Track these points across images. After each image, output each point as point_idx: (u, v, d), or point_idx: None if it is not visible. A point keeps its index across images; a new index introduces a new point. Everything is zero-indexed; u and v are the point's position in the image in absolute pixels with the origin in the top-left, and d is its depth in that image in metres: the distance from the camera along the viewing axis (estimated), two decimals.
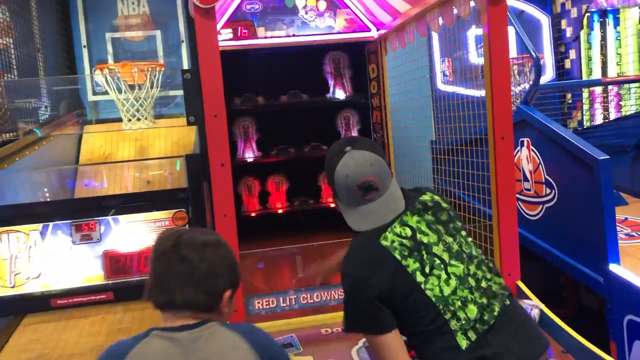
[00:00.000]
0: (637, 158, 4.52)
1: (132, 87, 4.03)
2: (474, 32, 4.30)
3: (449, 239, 1.81)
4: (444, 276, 1.73)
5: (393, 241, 1.75)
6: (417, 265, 1.72)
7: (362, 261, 1.76)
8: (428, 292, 1.70)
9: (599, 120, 5.29)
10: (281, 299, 2.77)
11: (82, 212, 2.70)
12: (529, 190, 3.96)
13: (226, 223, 2.55)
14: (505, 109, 2.78)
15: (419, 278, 1.71)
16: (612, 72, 5.50)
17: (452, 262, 1.77)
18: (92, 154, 4.53)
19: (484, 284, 1.79)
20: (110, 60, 4.93)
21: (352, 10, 4.68)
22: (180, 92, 3.78)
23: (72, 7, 4.97)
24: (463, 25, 3.49)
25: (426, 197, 1.87)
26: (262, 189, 5.05)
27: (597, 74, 5.54)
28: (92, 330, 3.12)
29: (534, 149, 3.85)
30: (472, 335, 1.70)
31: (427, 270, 1.73)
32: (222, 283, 1.50)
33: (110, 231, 2.70)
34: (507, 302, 1.80)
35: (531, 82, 4.01)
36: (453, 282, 1.73)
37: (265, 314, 2.76)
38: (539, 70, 3.88)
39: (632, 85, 4.58)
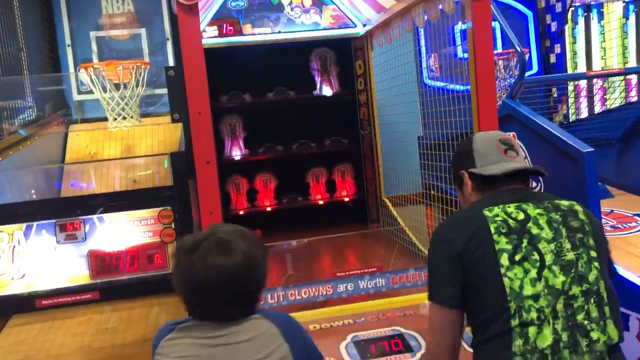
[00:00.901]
0: (622, 151, 4.55)
1: (117, 86, 4.00)
2: (459, 27, 4.30)
3: (567, 245, 1.52)
4: (532, 274, 1.47)
5: (497, 215, 1.55)
6: (509, 247, 1.49)
7: (456, 225, 1.62)
8: (505, 280, 1.46)
9: (584, 113, 5.32)
10: (269, 296, 2.76)
11: (66, 212, 2.67)
12: None
13: (212, 221, 2.54)
14: (490, 103, 2.79)
15: (503, 260, 1.48)
16: (596, 66, 5.54)
17: (554, 267, 1.48)
18: (77, 154, 4.49)
19: (579, 318, 1.45)
20: (95, 59, 4.89)
21: (337, 6, 4.68)
22: (167, 91, 3.76)
23: (56, 5, 4.92)
24: (448, 20, 3.50)
25: (564, 203, 1.61)
26: (250, 187, 5.04)
27: (582, 68, 5.58)
28: (78, 330, 3.09)
29: (519, 142, 3.86)
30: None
31: (517, 257, 1.48)
32: (261, 285, 1.50)
33: (95, 230, 2.68)
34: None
35: (516, 77, 4.03)
36: (539, 286, 1.46)
37: None
38: (523, 64, 3.89)
39: (617, 78, 4.61)
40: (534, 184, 3.76)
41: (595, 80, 5.06)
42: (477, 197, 1.70)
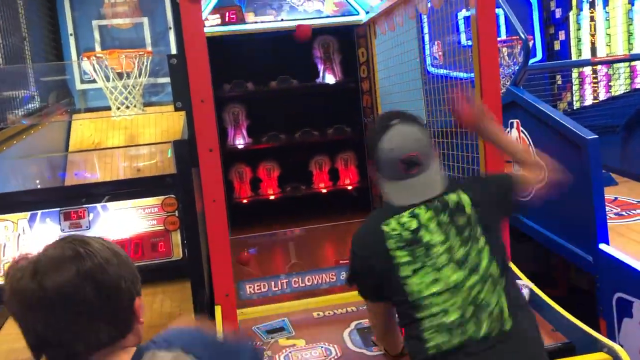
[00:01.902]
0: (626, 138, 4.54)
1: (120, 75, 3.99)
2: (463, 13, 4.28)
3: (457, 243, 1.74)
4: (431, 277, 1.72)
5: (394, 229, 1.77)
6: (408, 259, 1.74)
7: (362, 240, 1.89)
8: (407, 288, 1.74)
9: (588, 101, 5.30)
10: (273, 284, 2.78)
11: (70, 200, 2.69)
12: (519, 171, 3.96)
13: (216, 208, 2.55)
14: (494, 90, 2.78)
15: (404, 272, 1.74)
16: (601, 53, 5.50)
17: (449, 266, 1.72)
18: (81, 144, 4.50)
19: (480, 298, 1.70)
20: (98, 48, 4.88)
21: None
22: (169, 80, 3.76)
23: None
24: (452, 6, 3.48)
25: (452, 197, 1.81)
26: (253, 176, 5.04)
27: (586, 55, 5.54)
28: None
29: (523, 130, 3.85)
30: (444, 342, 1.68)
31: (416, 267, 1.73)
32: (128, 292, 1.12)
33: (99, 219, 2.69)
34: (507, 327, 1.69)
35: (520, 64, 4.01)
36: (439, 285, 1.71)
37: (257, 299, 2.77)
38: (527, 51, 3.88)
39: (621, 65, 4.58)
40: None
41: (599, 67, 5.03)
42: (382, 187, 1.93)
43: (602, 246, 3.18)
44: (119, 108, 3.97)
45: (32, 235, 2.64)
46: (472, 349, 1.66)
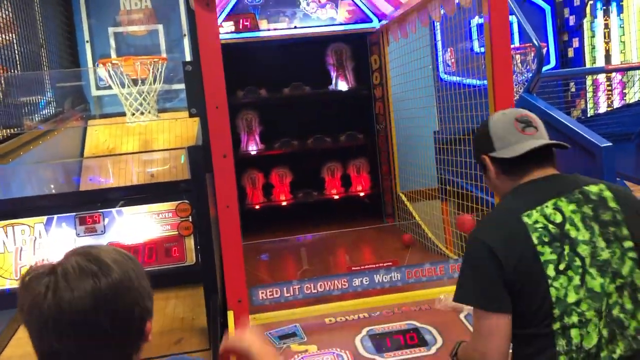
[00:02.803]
0: None
1: (135, 82, 4.03)
2: (476, 20, 4.28)
3: (602, 244, 1.51)
4: (576, 281, 1.48)
5: (537, 221, 1.53)
6: (554, 257, 1.49)
7: (495, 230, 1.57)
8: (552, 290, 1.47)
9: (602, 108, 5.26)
10: (285, 289, 2.78)
11: (85, 205, 2.72)
12: None
13: (229, 214, 2.56)
14: (507, 98, 2.78)
15: (550, 271, 1.49)
16: (615, 60, 5.47)
17: (591, 270, 1.49)
18: (96, 149, 4.55)
19: (615, 312, 1.47)
20: (113, 55, 4.94)
21: (353, 1, 4.68)
22: (184, 86, 3.79)
23: (75, 2, 4.98)
24: (465, 14, 3.48)
25: (594, 188, 1.58)
26: (265, 182, 5.07)
27: (600, 62, 5.51)
28: None
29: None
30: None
31: (561, 267, 1.49)
32: (140, 317, 1.12)
33: (114, 223, 2.72)
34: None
35: (534, 71, 4.00)
36: (582, 292, 1.47)
37: (269, 304, 2.77)
38: (541, 58, 3.87)
39: (636, 72, 4.55)
40: None
41: (613, 74, 5.00)
42: (503, 183, 1.68)
43: None
44: (133, 114, 4.01)
45: (48, 239, 2.67)
46: None
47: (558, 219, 1.53)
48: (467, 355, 1.68)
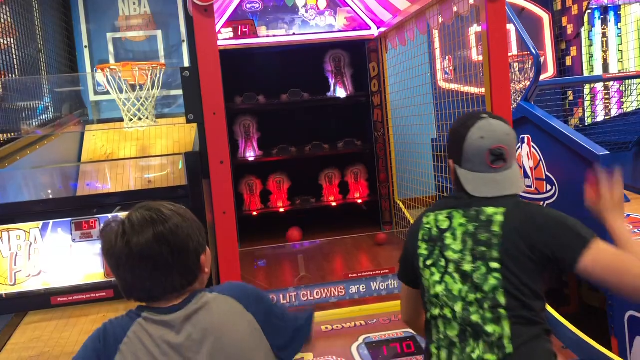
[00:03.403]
0: (638, 155, 4.50)
1: (133, 87, 4.03)
2: (474, 29, 4.30)
3: (468, 258, 1.69)
4: (436, 277, 1.75)
5: (428, 222, 1.82)
6: (426, 253, 1.79)
7: (412, 225, 1.94)
8: (423, 280, 1.80)
9: (600, 117, 5.27)
10: (281, 296, 2.78)
11: (82, 210, 2.71)
12: (530, 187, 3.95)
13: (226, 220, 2.56)
14: (504, 106, 2.78)
15: (421, 263, 1.80)
16: (613, 69, 5.49)
17: (454, 274, 1.71)
18: (93, 154, 4.54)
19: (475, 319, 1.66)
20: (112, 61, 4.94)
21: (352, 8, 4.69)
22: (182, 92, 3.79)
23: (74, 7, 4.98)
24: (463, 22, 3.49)
25: (489, 210, 1.72)
26: (263, 188, 5.06)
27: (598, 71, 5.53)
28: (93, 328, 3.10)
29: (534, 145, 3.84)
30: (444, 352, 1.72)
31: (428, 262, 1.77)
32: (195, 251, 1.41)
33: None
34: (507, 351, 1.61)
35: (531, 79, 4.01)
36: (440, 288, 1.74)
37: None
38: (539, 67, 3.87)
39: (634, 81, 4.56)
40: (549, 187, 3.74)
41: (611, 83, 5.01)
42: (454, 185, 1.89)
43: None
44: (131, 120, 4.00)
45: (44, 244, 2.66)
46: None
47: (444, 225, 1.78)
48: None
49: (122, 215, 1.42)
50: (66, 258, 2.67)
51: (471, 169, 1.76)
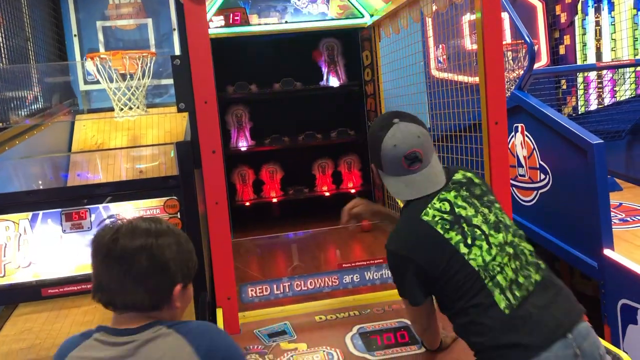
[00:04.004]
0: (631, 143, 4.52)
1: (123, 76, 3.98)
2: (468, 17, 4.27)
3: (485, 211, 1.88)
4: (485, 246, 1.80)
5: (434, 216, 1.84)
6: (460, 237, 1.81)
7: (405, 239, 1.90)
8: (471, 262, 1.78)
9: (593, 105, 5.27)
10: (275, 287, 2.76)
11: (72, 201, 2.67)
12: (524, 176, 3.95)
13: (218, 211, 2.53)
14: (498, 94, 2.76)
15: (462, 249, 1.79)
16: (606, 58, 5.47)
17: (492, 232, 1.83)
18: (84, 144, 4.50)
19: (519, 251, 1.84)
20: (102, 49, 4.88)
21: None
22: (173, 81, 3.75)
23: None
24: (457, 10, 3.46)
25: (458, 176, 1.95)
26: (256, 178, 5.03)
27: (591, 60, 5.52)
28: (84, 319, 3.11)
29: (528, 134, 3.83)
30: (511, 297, 1.74)
31: (469, 241, 1.80)
32: (170, 278, 1.37)
33: (101, 220, 2.67)
34: (543, 267, 1.84)
35: (525, 68, 3.99)
36: (494, 250, 1.79)
37: (258, 302, 2.75)
38: (532, 55, 3.86)
39: (627, 70, 4.56)
40: (543, 176, 3.73)
41: (605, 71, 5.01)
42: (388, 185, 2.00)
43: (607, 252, 3.15)
44: (122, 109, 3.96)
45: (34, 235, 2.62)
46: (533, 298, 1.75)
47: (446, 207, 1.86)
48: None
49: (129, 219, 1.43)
50: (56, 249, 2.63)
51: (392, 174, 1.94)
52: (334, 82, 4.97)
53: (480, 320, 1.75)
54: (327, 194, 5.01)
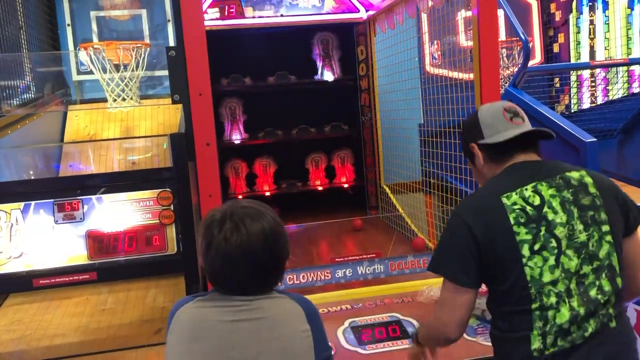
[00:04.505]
0: (623, 142, 4.54)
1: (117, 67, 3.95)
2: (463, 14, 4.27)
3: (580, 227, 1.57)
4: (551, 261, 1.54)
5: (515, 203, 1.58)
6: (529, 237, 1.55)
7: (475, 208, 1.65)
8: (526, 270, 1.54)
9: (586, 104, 5.30)
10: None
11: (64, 191, 2.65)
12: None
13: (211, 203, 2.53)
14: (493, 91, 2.77)
15: (524, 251, 1.55)
16: (600, 56, 5.50)
17: (568, 251, 1.55)
18: (76, 135, 4.46)
19: (593, 294, 1.54)
20: (95, 40, 4.83)
21: None
22: (167, 73, 3.73)
23: None
24: (452, 6, 3.46)
25: (575, 174, 1.64)
26: (249, 171, 5.03)
27: (585, 58, 5.54)
28: (76, 311, 3.10)
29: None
30: (549, 343, 1.52)
31: (536, 247, 1.55)
32: (287, 254, 1.51)
33: (94, 211, 2.66)
34: (611, 325, 1.56)
35: (520, 65, 4.00)
36: (557, 272, 1.53)
37: None
38: (527, 53, 3.87)
39: (620, 69, 4.58)
40: None
41: (598, 70, 5.03)
42: (490, 170, 1.73)
43: None
44: (115, 100, 3.93)
45: (25, 226, 2.60)
46: (577, 352, 1.53)
47: (536, 201, 1.59)
48: (428, 324, 1.77)
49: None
50: (48, 240, 2.62)
51: (496, 132, 1.70)
52: (328, 76, 4.97)
53: (510, 345, 1.58)
54: (320, 188, 5.02)
